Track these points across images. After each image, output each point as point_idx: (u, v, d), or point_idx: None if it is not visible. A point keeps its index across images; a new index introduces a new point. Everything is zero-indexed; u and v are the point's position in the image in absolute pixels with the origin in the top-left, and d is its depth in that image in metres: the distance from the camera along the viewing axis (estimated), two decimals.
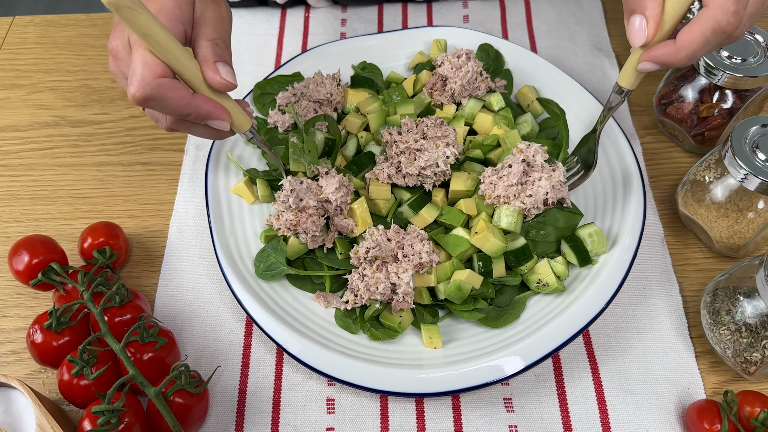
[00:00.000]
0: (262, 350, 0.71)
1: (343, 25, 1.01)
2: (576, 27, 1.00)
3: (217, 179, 0.79)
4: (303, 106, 0.82)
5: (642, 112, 0.91)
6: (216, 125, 0.60)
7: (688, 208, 0.76)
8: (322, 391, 0.68)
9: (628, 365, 0.69)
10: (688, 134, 0.83)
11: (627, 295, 0.74)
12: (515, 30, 1.00)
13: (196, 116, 0.58)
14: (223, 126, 0.61)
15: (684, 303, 0.74)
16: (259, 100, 0.85)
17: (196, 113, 0.58)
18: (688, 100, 0.81)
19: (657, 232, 0.79)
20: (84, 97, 0.94)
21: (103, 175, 0.86)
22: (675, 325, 0.72)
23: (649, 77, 0.94)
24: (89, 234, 0.74)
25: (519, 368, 0.64)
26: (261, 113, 0.85)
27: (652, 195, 0.83)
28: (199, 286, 0.76)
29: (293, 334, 0.67)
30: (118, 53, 0.59)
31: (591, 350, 0.71)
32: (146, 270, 0.78)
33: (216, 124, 0.60)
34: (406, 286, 0.67)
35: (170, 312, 0.74)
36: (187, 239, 0.80)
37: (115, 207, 0.83)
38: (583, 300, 0.68)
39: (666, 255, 0.77)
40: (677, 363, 0.70)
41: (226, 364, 0.70)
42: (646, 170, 0.85)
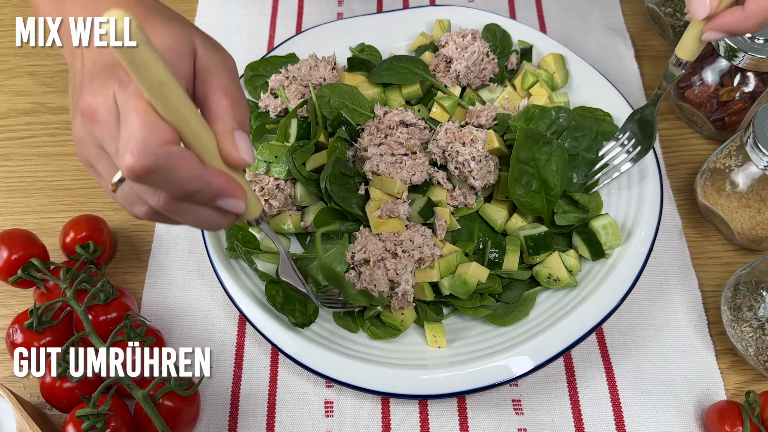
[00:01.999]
0: (256, 350, 0.71)
1: (340, 5, 1.01)
2: (588, 6, 0.99)
3: None
4: (292, 91, 0.81)
5: None
6: (228, 205, 0.49)
7: (708, 198, 0.76)
8: (319, 393, 0.68)
9: (644, 365, 0.70)
10: (708, 120, 0.83)
11: (643, 290, 0.74)
12: (523, 9, 0.99)
13: (206, 193, 0.47)
14: (237, 207, 0.49)
15: (703, 299, 0.74)
16: (251, 83, 0.85)
17: (207, 189, 0.47)
18: (708, 83, 0.81)
19: (674, 223, 0.79)
20: (65, 83, 0.94)
21: None
22: (694, 322, 0.72)
23: (666, 59, 0.94)
24: (71, 228, 0.74)
25: (528, 368, 0.64)
26: (252, 96, 0.85)
27: (670, 184, 0.83)
28: (189, 283, 0.76)
29: (289, 333, 0.67)
30: (97, 115, 0.47)
31: (605, 349, 0.71)
32: (132, 266, 0.78)
33: (229, 203, 0.49)
34: (405, 284, 0.67)
35: (158, 310, 0.74)
36: (176, 233, 0.79)
37: (98, 199, 0.83)
38: (597, 296, 0.68)
39: (684, 248, 0.77)
40: (696, 362, 0.70)
41: (218, 365, 0.70)
42: (663, 158, 0.85)
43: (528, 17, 0.98)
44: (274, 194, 0.74)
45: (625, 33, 0.96)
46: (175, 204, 0.48)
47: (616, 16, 0.98)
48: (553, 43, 0.87)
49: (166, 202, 0.48)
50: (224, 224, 0.52)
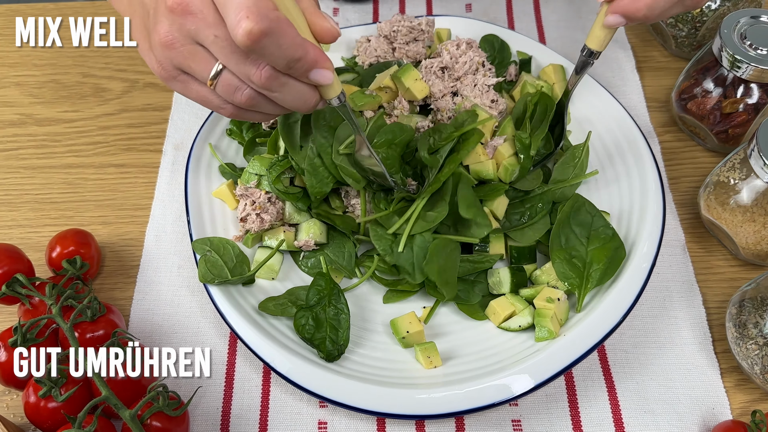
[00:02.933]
0: (247, 369, 0.71)
1: (336, 15, 1.01)
2: (589, 16, 1.00)
3: (198, 182, 0.79)
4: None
5: (660, 108, 0.91)
6: (320, 76, 0.55)
7: (712, 212, 0.76)
8: (313, 413, 0.68)
9: (648, 383, 0.69)
10: (711, 132, 0.83)
11: (645, 307, 0.74)
12: (522, 20, 1.00)
13: (304, 62, 0.53)
14: (326, 78, 0.56)
15: (708, 315, 0.74)
16: None
17: (305, 57, 0.53)
18: (711, 94, 0.81)
19: (677, 238, 0.80)
20: (52, 93, 0.94)
21: (73, 178, 0.86)
22: (698, 340, 0.72)
23: (667, 70, 0.94)
24: (58, 242, 0.73)
25: (528, 387, 0.64)
26: None
27: (672, 198, 0.83)
28: (179, 299, 0.76)
29: (281, 351, 0.67)
30: (190, 6, 0.52)
31: (607, 367, 0.71)
32: (120, 282, 0.78)
33: (320, 74, 0.55)
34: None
35: (147, 327, 0.74)
36: (166, 248, 0.79)
37: (86, 213, 0.83)
38: (598, 312, 0.68)
39: (688, 263, 0.78)
40: (701, 381, 0.70)
41: (208, 385, 0.70)
42: (665, 171, 0.85)
43: (527, 28, 0.99)
44: (266, 208, 0.74)
45: (626, 44, 0.97)
46: (276, 78, 0.54)
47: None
48: (552, 54, 0.88)
49: (269, 75, 0.53)
50: (311, 105, 0.58)
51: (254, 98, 0.57)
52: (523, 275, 0.73)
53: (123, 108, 0.93)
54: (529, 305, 0.70)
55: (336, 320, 0.69)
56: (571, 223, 0.73)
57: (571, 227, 0.73)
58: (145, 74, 0.96)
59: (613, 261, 0.70)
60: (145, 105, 0.93)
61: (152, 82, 0.95)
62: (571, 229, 0.73)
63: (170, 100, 0.92)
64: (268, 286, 0.74)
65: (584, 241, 0.72)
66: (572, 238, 0.72)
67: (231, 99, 0.57)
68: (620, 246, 0.71)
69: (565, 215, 0.73)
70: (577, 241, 0.72)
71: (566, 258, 0.71)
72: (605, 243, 0.71)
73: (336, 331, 0.68)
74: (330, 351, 0.67)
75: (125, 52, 0.98)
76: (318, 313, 0.69)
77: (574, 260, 0.71)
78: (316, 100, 0.58)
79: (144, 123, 0.91)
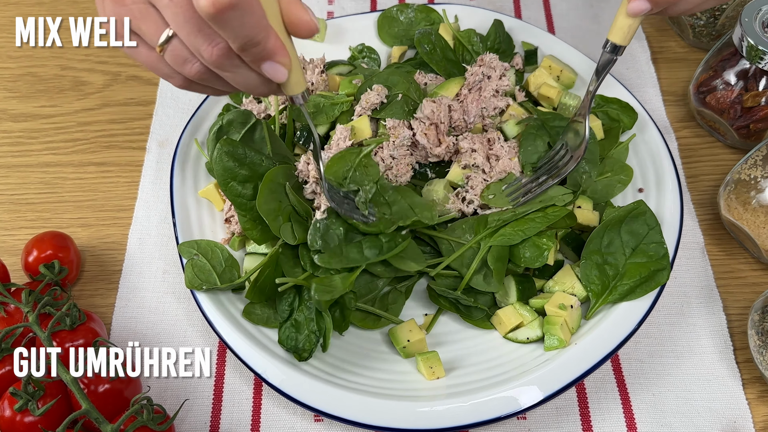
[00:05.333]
0: (237, 380, 0.71)
1: (331, 4, 1.01)
2: (600, 4, 1.00)
3: (185, 181, 0.79)
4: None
5: (677, 102, 0.91)
6: (273, 70, 0.55)
7: (732, 213, 0.76)
8: (308, 427, 0.68)
9: (665, 395, 0.70)
10: (731, 127, 0.84)
11: (662, 313, 0.75)
12: (530, 8, 1.01)
13: (262, 48, 0.53)
14: (280, 74, 0.56)
15: (728, 322, 0.74)
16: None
17: (264, 44, 0.53)
18: (731, 87, 0.82)
19: (696, 240, 0.80)
20: (28, 87, 0.94)
21: (50, 177, 0.86)
22: (718, 349, 0.72)
23: (685, 62, 0.94)
24: (35, 246, 0.74)
25: (537, 399, 0.64)
26: (233, 101, 0.85)
27: (690, 198, 0.83)
28: (164, 307, 0.76)
29: (274, 361, 0.67)
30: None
31: (621, 378, 0.71)
32: (101, 288, 0.78)
33: (273, 68, 0.55)
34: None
35: (130, 336, 0.74)
36: (150, 252, 0.79)
37: (64, 215, 0.83)
38: (611, 320, 0.68)
39: (707, 267, 0.78)
40: (721, 392, 0.70)
41: (195, 397, 0.70)
42: (683, 169, 0.85)
43: (535, 16, 0.99)
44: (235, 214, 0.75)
45: (641, 34, 0.97)
46: (228, 58, 0.54)
47: None
48: (561, 44, 0.88)
49: (221, 54, 0.53)
50: (266, 92, 0.59)
51: (204, 73, 0.57)
52: (531, 284, 0.73)
53: (104, 102, 0.93)
54: (538, 316, 0.70)
55: (313, 315, 0.69)
56: (621, 228, 0.71)
57: (620, 232, 0.71)
58: (128, 67, 0.96)
59: (648, 283, 0.69)
60: (127, 99, 0.93)
61: (135, 75, 0.95)
62: (620, 234, 0.71)
63: (154, 94, 0.93)
64: None
65: (627, 251, 0.71)
66: (616, 243, 0.71)
67: (180, 70, 0.57)
68: (664, 270, 0.69)
69: (617, 218, 0.72)
70: (619, 248, 0.71)
71: (599, 262, 0.70)
72: (649, 261, 0.70)
73: (317, 323, 0.68)
74: (312, 346, 0.68)
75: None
76: (297, 317, 0.69)
77: (606, 266, 0.70)
78: (270, 90, 0.59)
79: (126, 118, 0.91)
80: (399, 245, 0.68)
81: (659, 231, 0.71)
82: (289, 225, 0.69)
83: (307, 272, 0.69)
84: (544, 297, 0.71)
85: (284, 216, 0.70)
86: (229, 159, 0.70)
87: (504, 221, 0.71)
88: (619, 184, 0.78)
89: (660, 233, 0.71)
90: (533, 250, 0.70)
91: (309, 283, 0.67)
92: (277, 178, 0.70)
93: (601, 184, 0.77)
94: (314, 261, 0.67)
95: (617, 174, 0.78)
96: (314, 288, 0.65)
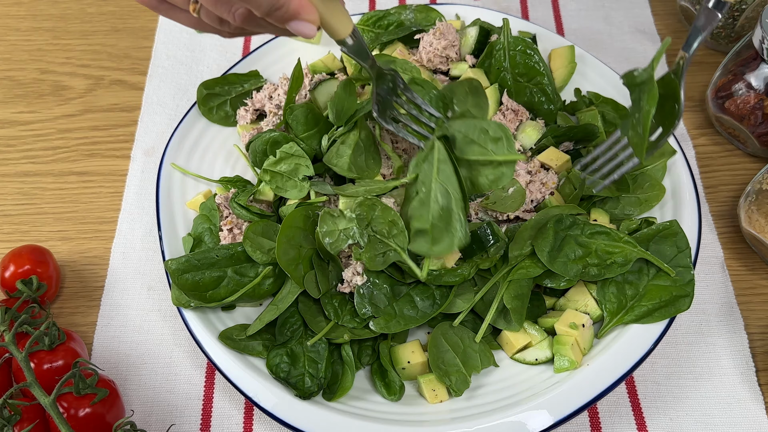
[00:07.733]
0: (226, 404, 0.71)
1: None
2: (612, 5, 1.01)
3: (172, 192, 0.79)
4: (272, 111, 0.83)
5: (694, 107, 0.92)
6: (300, 28, 0.60)
7: (754, 225, 0.76)
8: None
9: (682, 419, 0.69)
10: (752, 134, 0.84)
11: (680, 332, 0.75)
12: (537, 8, 1.01)
13: (285, 11, 0.58)
14: (308, 30, 0.60)
15: (750, 342, 0.74)
16: (204, 103, 0.85)
17: (287, 6, 0.58)
18: (751, 92, 0.82)
19: (715, 254, 0.80)
20: (6, 92, 0.95)
21: (28, 188, 0.86)
22: (739, 370, 0.72)
23: (702, 65, 0.95)
24: (11, 261, 0.74)
25: (547, 425, 0.64)
26: (207, 117, 0.85)
27: (709, 209, 0.83)
28: (148, 325, 0.76)
29: (266, 384, 0.67)
30: None
31: (636, 401, 0.71)
32: (82, 305, 0.78)
33: (300, 27, 0.60)
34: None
35: (112, 357, 0.74)
36: (134, 267, 0.79)
37: (43, 227, 0.83)
38: (626, 339, 0.68)
39: (727, 283, 0.78)
40: (743, 416, 0.70)
41: (182, 422, 0.70)
42: (701, 179, 0.86)
43: (543, 17, 1.00)
44: (238, 223, 0.75)
45: (655, 35, 0.98)
46: (252, 20, 0.61)
47: (645, 16, 1.00)
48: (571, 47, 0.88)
49: (242, 18, 0.60)
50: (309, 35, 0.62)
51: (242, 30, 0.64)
52: (541, 301, 0.72)
53: (86, 108, 0.93)
54: (548, 336, 0.70)
55: (315, 352, 0.69)
56: (649, 247, 0.71)
57: (646, 250, 0.71)
58: (111, 70, 0.96)
59: (668, 308, 0.68)
60: (111, 105, 0.93)
61: (119, 80, 0.95)
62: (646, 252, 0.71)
63: (140, 99, 0.93)
64: (251, 311, 0.74)
65: (651, 272, 0.70)
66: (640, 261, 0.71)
67: (221, 29, 0.64)
68: (687, 297, 0.69)
69: (646, 235, 0.71)
70: (643, 266, 0.71)
71: (619, 279, 0.70)
72: (672, 285, 0.69)
73: (315, 364, 0.68)
74: (308, 387, 0.67)
75: (89, 46, 0.99)
76: (293, 347, 0.69)
77: (626, 285, 0.70)
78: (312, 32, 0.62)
79: (110, 125, 0.91)
80: (451, 292, 0.69)
81: (689, 254, 0.71)
82: (313, 274, 0.70)
83: (331, 322, 0.69)
84: (553, 315, 0.71)
85: (305, 262, 0.70)
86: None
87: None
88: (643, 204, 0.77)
89: (689, 257, 0.71)
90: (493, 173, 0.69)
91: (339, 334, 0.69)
92: (296, 223, 0.70)
93: (624, 202, 0.77)
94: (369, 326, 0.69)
95: (646, 192, 0.77)
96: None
